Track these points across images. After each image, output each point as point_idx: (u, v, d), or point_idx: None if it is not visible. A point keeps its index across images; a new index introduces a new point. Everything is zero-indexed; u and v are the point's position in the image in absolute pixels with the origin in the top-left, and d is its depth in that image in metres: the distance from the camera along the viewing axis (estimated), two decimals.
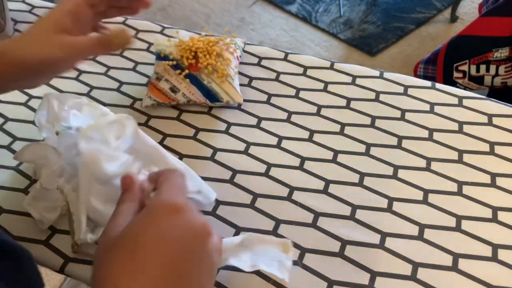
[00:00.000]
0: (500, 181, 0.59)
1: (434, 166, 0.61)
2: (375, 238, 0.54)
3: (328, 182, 0.59)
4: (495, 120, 0.65)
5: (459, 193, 0.58)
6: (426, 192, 0.58)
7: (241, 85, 0.71)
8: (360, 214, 0.56)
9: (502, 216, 0.55)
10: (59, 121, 0.57)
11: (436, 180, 0.59)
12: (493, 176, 0.59)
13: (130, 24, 0.82)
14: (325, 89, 0.71)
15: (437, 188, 0.58)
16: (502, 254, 0.52)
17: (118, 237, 0.37)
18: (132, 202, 0.41)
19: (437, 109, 0.67)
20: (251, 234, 0.47)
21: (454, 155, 0.62)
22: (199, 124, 0.66)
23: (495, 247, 0.53)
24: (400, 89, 0.70)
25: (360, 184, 0.59)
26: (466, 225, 0.55)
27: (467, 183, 0.59)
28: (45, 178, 0.53)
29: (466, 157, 0.61)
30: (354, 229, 0.55)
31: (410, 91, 0.70)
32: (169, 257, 0.35)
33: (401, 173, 0.60)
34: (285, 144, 0.64)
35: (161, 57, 0.71)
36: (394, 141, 0.64)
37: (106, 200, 0.55)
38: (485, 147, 0.62)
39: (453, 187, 0.58)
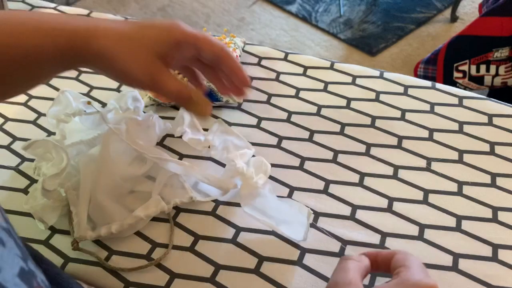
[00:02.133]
0: (500, 181, 0.59)
1: (434, 166, 0.61)
2: (375, 238, 0.54)
3: (328, 182, 0.59)
4: (495, 120, 0.65)
5: (459, 193, 0.58)
6: (426, 192, 0.58)
7: None
8: (360, 214, 0.56)
9: (502, 216, 0.55)
10: (76, 114, 0.57)
11: (436, 180, 0.59)
12: (493, 176, 0.59)
13: None
14: (325, 89, 0.71)
15: (437, 188, 0.58)
16: (502, 254, 0.52)
17: None
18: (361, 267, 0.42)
19: (437, 109, 0.67)
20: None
21: (454, 155, 0.62)
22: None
23: (495, 247, 0.53)
24: (400, 89, 0.70)
25: (360, 184, 0.59)
26: (466, 225, 0.55)
27: (467, 183, 0.59)
28: (47, 180, 0.53)
29: (466, 157, 0.61)
30: (354, 229, 0.55)
31: (410, 91, 0.70)
32: None
33: (401, 173, 0.60)
34: (285, 144, 0.64)
35: None
36: (394, 141, 0.64)
37: (112, 197, 0.55)
38: (485, 147, 0.62)
39: (453, 187, 0.58)
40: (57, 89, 0.72)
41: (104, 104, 0.69)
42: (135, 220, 0.53)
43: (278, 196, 0.56)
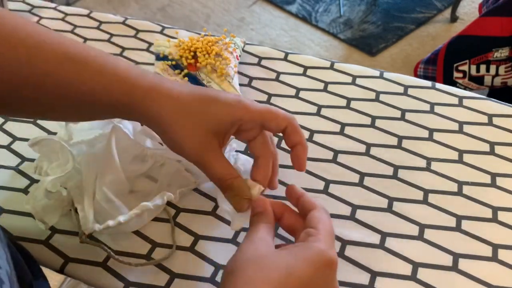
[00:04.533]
0: (500, 181, 0.59)
1: (434, 166, 0.61)
2: (375, 238, 0.54)
3: (328, 182, 0.59)
4: (495, 120, 0.65)
5: (459, 193, 0.58)
6: (426, 192, 0.58)
7: (241, 85, 0.71)
8: (360, 214, 0.56)
9: (502, 216, 0.55)
10: None
11: (436, 180, 0.59)
12: (493, 176, 0.59)
13: (130, 24, 0.82)
14: (325, 89, 0.71)
15: (437, 188, 0.58)
16: (502, 254, 0.52)
17: (261, 259, 0.38)
18: (268, 224, 0.43)
19: (437, 109, 0.67)
20: None
21: (454, 155, 0.62)
22: None
23: (495, 247, 0.53)
24: (400, 89, 0.70)
25: (360, 184, 0.59)
26: (466, 225, 0.55)
27: (467, 183, 0.59)
28: (50, 181, 0.53)
29: (466, 157, 0.61)
30: (354, 229, 0.55)
31: (410, 91, 0.70)
32: None
33: (401, 173, 0.60)
34: (285, 144, 0.64)
35: (160, 57, 0.71)
36: (394, 141, 0.64)
37: (114, 196, 0.54)
38: (485, 147, 0.62)
39: (453, 187, 0.58)
40: None
41: None
42: (142, 209, 0.52)
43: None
